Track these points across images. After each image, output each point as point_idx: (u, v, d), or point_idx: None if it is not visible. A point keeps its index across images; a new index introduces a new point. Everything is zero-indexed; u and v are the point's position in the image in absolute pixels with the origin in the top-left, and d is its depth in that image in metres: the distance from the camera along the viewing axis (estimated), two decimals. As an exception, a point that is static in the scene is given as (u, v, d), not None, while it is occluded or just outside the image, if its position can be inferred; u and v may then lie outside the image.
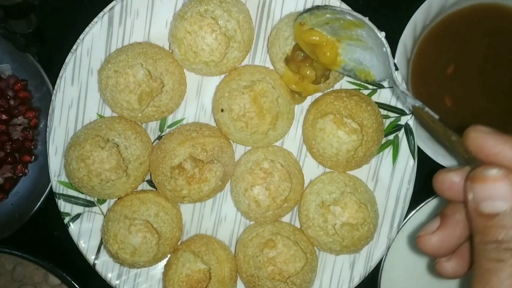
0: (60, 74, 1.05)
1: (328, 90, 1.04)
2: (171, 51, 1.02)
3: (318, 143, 1.01)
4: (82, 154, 0.98)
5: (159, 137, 1.07)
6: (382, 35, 0.88)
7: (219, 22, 0.96)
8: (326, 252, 1.05)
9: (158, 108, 1.00)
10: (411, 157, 1.05)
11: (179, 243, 1.07)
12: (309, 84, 0.99)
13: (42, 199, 1.13)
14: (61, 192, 1.06)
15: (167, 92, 0.99)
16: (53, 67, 1.10)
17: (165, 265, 1.06)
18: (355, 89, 1.05)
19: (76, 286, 1.10)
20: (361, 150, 0.99)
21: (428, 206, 1.13)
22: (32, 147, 1.15)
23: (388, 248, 1.08)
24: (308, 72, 0.98)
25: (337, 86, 1.05)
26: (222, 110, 0.98)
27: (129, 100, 0.98)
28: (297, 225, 1.08)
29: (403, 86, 1.03)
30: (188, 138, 0.98)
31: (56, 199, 1.06)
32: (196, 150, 0.97)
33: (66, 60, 1.05)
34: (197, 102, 1.07)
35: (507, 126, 1.16)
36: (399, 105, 1.05)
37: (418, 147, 1.06)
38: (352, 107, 0.99)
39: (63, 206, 1.06)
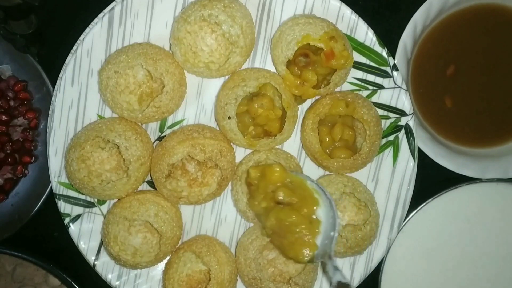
0: (60, 75, 1.05)
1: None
2: (171, 52, 1.02)
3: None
4: (82, 155, 0.98)
5: (159, 138, 1.07)
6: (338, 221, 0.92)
7: (222, 27, 0.96)
8: None
9: (158, 108, 1.00)
10: (411, 157, 1.05)
11: (180, 242, 1.07)
12: (309, 88, 0.99)
13: (42, 200, 1.12)
14: (61, 193, 1.06)
15: (167, 93, 0.99)
16: (53, 68, 1.10)
17: (166, 264, 1.06)
18: (354, 90, 1.05)
19: (76, 287, 1.10)
20: (366, 145, 0.99)
21: (428, 206, 1.13)
22: (32, 148, 1.15)
23: (389, 248, 1.08)
24: (310, 76, 0.98)
25: (336, 90, 1.05)
26: (229, 118, 0.98)
27: (129, 101, 0.98)
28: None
29: (403, 86, 1.03)
30: (188, 137, 0.99)
31: (56, 200, 1.06)
32: (194, 150, 0.98)
33: (66, 61, 1.05)
34: (197, 103, 1.07)
35: (507, 126, 1.16)
36: (399, 106, 1.05)
37: (418, 148, 1.06)
38: (350, 106, 0.99)
39: (63, 207, 1.06)
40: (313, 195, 0.93)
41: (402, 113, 1.05)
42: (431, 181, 1.14)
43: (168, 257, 1.06)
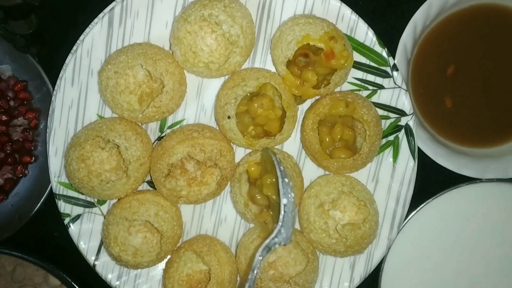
0: (60, 75, 1.05)
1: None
2: (171, 52, 1.02)
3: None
4: (82, 154, 0.98)
5: (159, 138, 1.07)
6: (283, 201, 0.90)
7: (223, 27, 0.96)
8: (330, 255, 1.05)
9: (158, 108, 1.00)
10: (411, 157, 1.05)
11: (180, 242, 1.07)
12: (309, 88, 0.99)
13: (42, 200, 1.12)
14: (61, 193, 1.06)
15: (167, 93, 0.99)
16: (53, 68, 1.10)
17: (167, 263, 1.06)
18: (354, 90, 1.05)
19: (76, 287, 1.10)
20: (366, 145, 0.99)
21: (428, 206, 1.13)
22: (32, 148, 1.15)
23: (389, 248, 1.08)
24: (310, 77, 0.98)
25: (336, 90, 1.05)
26: (228, 117, 0.98)
27: (130, 101, 0.98)
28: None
29: (403, 86, 1.03)
30: (188, 137, 0.99)
31: (56, 200, 1.06)
32: (194, 150, 0.98)
33: (66, 61, 1.05)
34: (197, 102, 1.07)
35: (507, 126, 1.16)
36: (399, 106, 1.04)
37: (418, 148, 1.06)
38: (350, 106, 0.99)
39: (63, 207, 1.06)
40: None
41: (402, 113, 1.05)
42: (431, 181, 1.14)
43: (169, 256, 1.06)
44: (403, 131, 1.05)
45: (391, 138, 1.05)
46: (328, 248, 1.01)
